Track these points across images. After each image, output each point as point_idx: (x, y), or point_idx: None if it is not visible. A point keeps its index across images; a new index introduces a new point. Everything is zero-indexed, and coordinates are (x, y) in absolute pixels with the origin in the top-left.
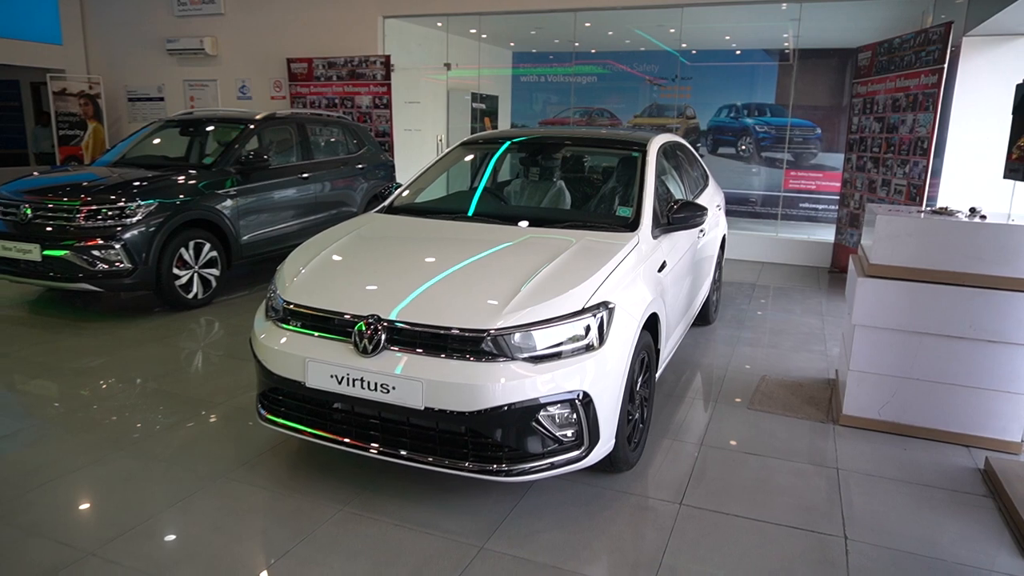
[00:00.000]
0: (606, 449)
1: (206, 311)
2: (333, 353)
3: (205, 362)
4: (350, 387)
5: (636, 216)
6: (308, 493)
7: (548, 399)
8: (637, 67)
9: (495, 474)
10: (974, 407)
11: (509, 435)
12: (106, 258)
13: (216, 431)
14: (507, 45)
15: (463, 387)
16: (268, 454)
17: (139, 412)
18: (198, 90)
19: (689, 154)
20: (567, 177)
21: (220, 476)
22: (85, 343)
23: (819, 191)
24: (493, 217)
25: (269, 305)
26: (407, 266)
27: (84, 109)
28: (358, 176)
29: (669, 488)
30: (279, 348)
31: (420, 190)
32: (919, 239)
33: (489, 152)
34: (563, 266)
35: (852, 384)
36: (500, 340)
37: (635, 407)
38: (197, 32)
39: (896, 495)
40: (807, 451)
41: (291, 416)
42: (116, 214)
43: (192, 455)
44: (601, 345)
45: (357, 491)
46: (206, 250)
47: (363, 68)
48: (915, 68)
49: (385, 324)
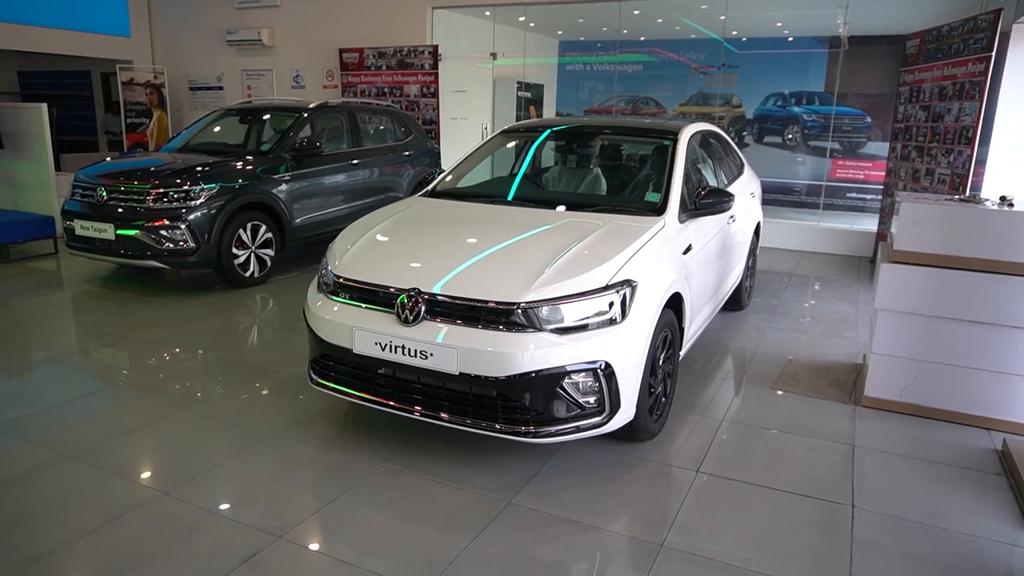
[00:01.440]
0: (626, 417)
1: (261, 289)
2: (378, 322)
3: (261, 335)
4: (392, 354)
5: (663, 201)
6: (354, 450)
7: (572, 367)
8: (684, 55)
9: (523, 435)
10: (996, 391)
11: (536, 399)
12: (172, 238)
13: (272, 395)
14: (554, 34)
15: (494, 354)
16: (319, 416)
17: (203, 377)
18: (255, 79)
19: (724, 143)
20: (603, 164)
21: (276, 434)
22: (153, 315)
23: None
24: (530, 201)
25: (321, 280)
26: (445, 245)
27: (150, 98)
28: (405, 163)
29: (688, 457)
30: (329, 317)
31: (462, 175)
32: (944, 226)
33: (529, 140)
34: (590, 246)
35: (875, 366)
36: (529, 312)
37: (657, 381)
38: (255, 24)
39: (908, 470)
40: (826, 428)
41: (339, 380)
42: (181, 197)
43: (251, 415)
44: (624, 320)
45: (398, 449)
46: (262, 232)
47: (411, 58)
48: (963, 56)
49: (425, 297)
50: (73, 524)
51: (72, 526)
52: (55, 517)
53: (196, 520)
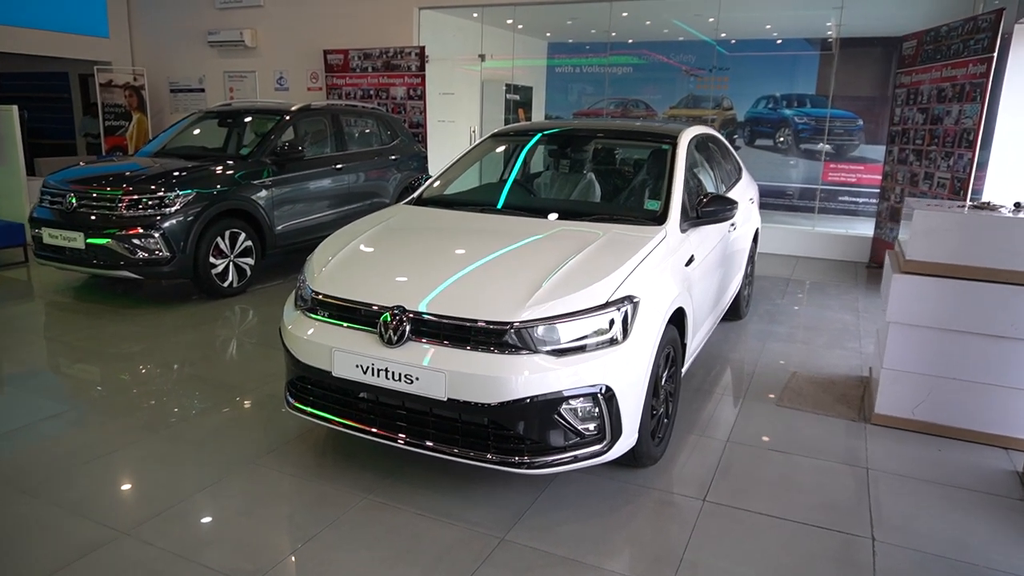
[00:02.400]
0: (629, 443)
1: (241, 299)
2: (359, 343)
3: (239, 349)
4: (375, 377)
5: (664, 209)
6: (333, 480)
7: (570, 392)
8: (674, 57)
9: (517, 466)
10: (1014, 408)
11: (531, 427)
12: (146, 246)
13: (247, 417)
14: (543, 36)
15: (485, 379)
16: (296, 441)
17: (174, 397)
18: (237, 81)
19: (722, 146)
20: (597, 169)
21: (249, 461)
22: (125, 329)
23: (859, 184)
24: (521, 209)
25: (298, 295)
26: (433, 258)
27: (129, 100)
28: (391, 167)
29: (693, 484)
30: (307, 337)
31: (450, 182)
32: (959, 235)
33: (519, 144)
34: (588, 259)
35: (886, 382)
36: (523, 333)
37: (659, 402)
38: (237, 24)
39: (927, 496)
40: (836, 450)
41: (318, 405)
42: (156, 204)
43: (223, 440)
44: (625, 339)
45: (381, 479)
46: (241, 239)
47: (398, 59)
48: (963, 57)
49: (410, 315)
50: (19, 572)
51: (17, 574)
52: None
53: (158, 564)
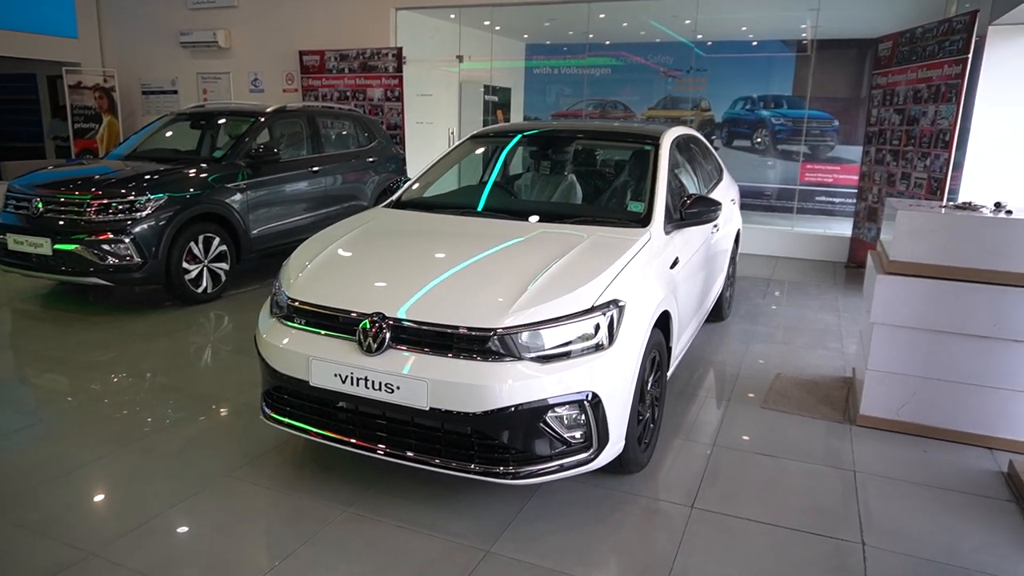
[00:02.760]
0: (616, 451)
1: (215, 305)
2: (337, 351)
3: (213, 357)
4: (354, 386)
5: (648, 211)
6: (312, 493)
7: (556, 400)
8: (652, 59)
9: (502, 476)
10: (998, 408)
11: (516, 437)
12: (116, 252)
13: (222, 428)
14: (520, 37)
15: (469, 387)
16: (273, 452)
17: (146, 408)
18: (211, 83)
19: (703, 147)
20: (579, 171)
21: (224, 475)
22: (95, 337)
23: (836, 184)
24: (503, 212)
25: (274, 301)
26: (413, 263)
27: (99, 102)
28: (369, 169)
29: (680, 490)
30: (283, 346)
31: (429, 184)
32: (942, 235)
33: (499, 145)
34: (572, 263)
35: (870, 383)
36: (507, 339)
37: (646, 407)
38: (210, 25)
39: (916, 499)
40: (823, 452)
41: (295, 415)
42: (126, 208)
43: (197, 452)
44: (611, 344)
45: (361, 491)
46: (215, 244)
47: (375, 60)
48: (938, 58)
49: (390, 322)
50: None
51: None
52: None
53: None
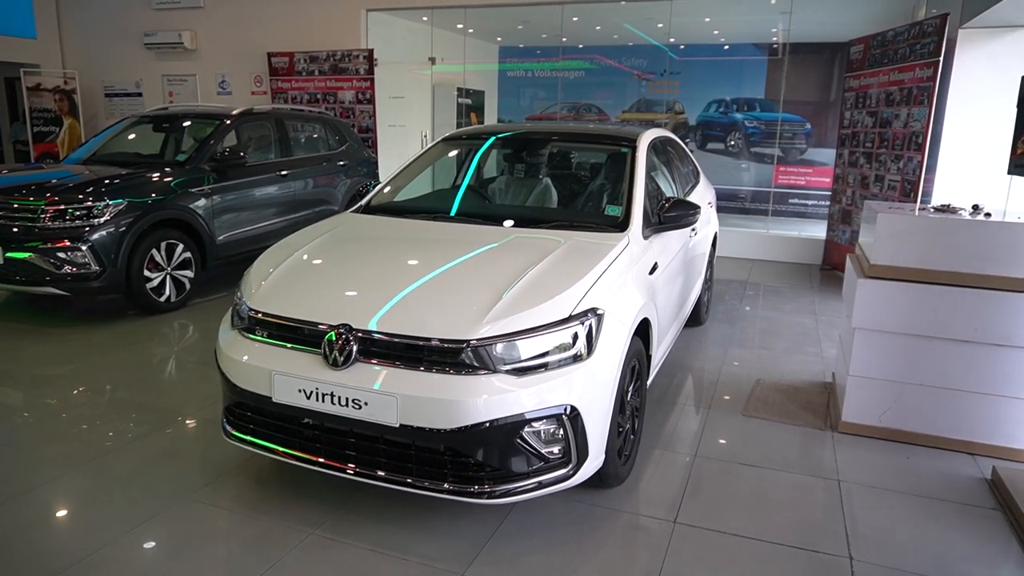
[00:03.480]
0: (595, 466)
1: (180, 314)
2: (301, 365)
3: (176, 369)
4: (319, 402)
5: (626, 215)
6: (277, 515)
7: (533, 414)
8: (625, 62)
9: (477, 496)
10: (980, 413)
11: (491, 453)
12: (72, 260)
13: (182, 445)
14: (494, 40)
15: (440, 403)
16: (236, 471)
17: (103, 424)
18: (177, 85)
19: (680, 150)
20: (554, 174)
21: (183, 497)
22: (51, 350)
23: (809, 187)
24: (475, 217)
25: (235, 312)
26: (382, 271)
27: (59, 105)
28: (339, 173)
29: (662, 504)
30: (244, 359)
31: (400, 188)
32: (922, 238)
33: (472, 148)
34: (548, 270)
35: (852, 389)
36: (481, 351)
37: (626, 418)
38: (175, 25)
39: (901, 509)
40: (806, 461)
41: (258, 433)
42: (83, 214)
43: (155, 472)
44: (590, 355)
45: (329, 512)
46: (179, 251)
47: (345, 62)
48: (909, 61)
49: (357, 334)
50: None
51: None
52: None
53: None
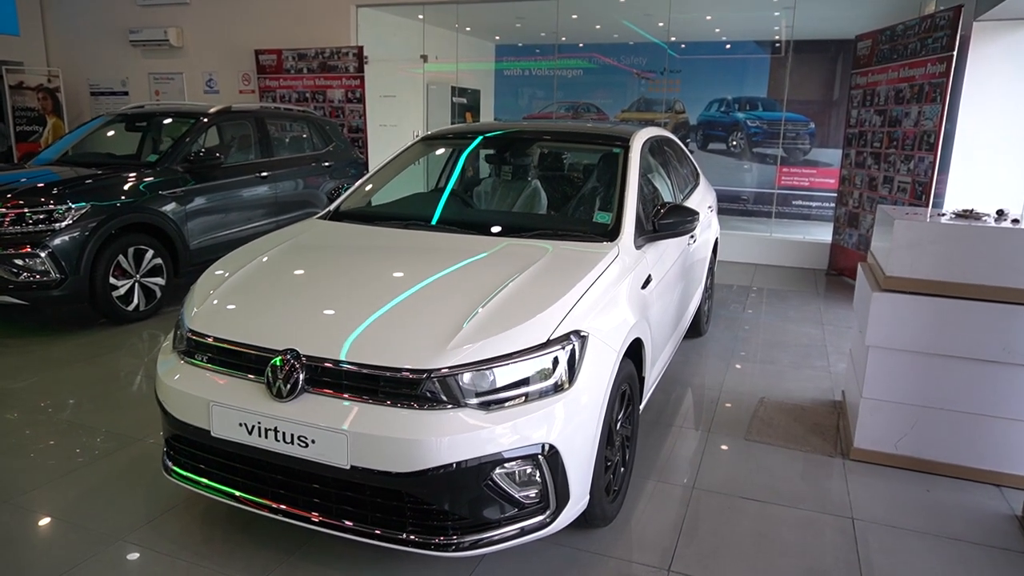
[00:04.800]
0: (578, 510)
1: (149, 324)
2: (242, 396)
3: (137, 386)
4: (262, 438)
5: (616, 223)
6: (221, 561)
7: (505, 455)
8: (624, 60)
9: (441, 548)
10: (1007, 441)
11: (457, 500)
12: (31, 267)
13: (129, 475)
14: (491, 38)
15: (397, 442)
16: (181, 509)
17: (44, 452)
18: (163, 83)
19: (678, 150)
20: (543, 177)
21: (118, 538)
22: (5, 363)
23: (813, 188)
24: (453, 224)
25: (177, 334)
26: (341, 287)
27: (43, 103)
28: (325, 175)
29: (655, 548)
30: (181, 388)
31: (374, 192)
32: (944, 247)
33: (455, 148)
34: (526, 286)
35: (865, 413)
36: (446, 382)
37: (614, 450)
38: (161, 22)
39: (923, 553)
40: (815, 495)
41: (200, 471)
42: (43, 218)
43: (91, 509)
44: (571, 384)
45: (280, 558)
46: (148, 257)
47: (335, 60)
48: (921, 56)
49: (305, 361)
50: None
51: None
52: None
53: None
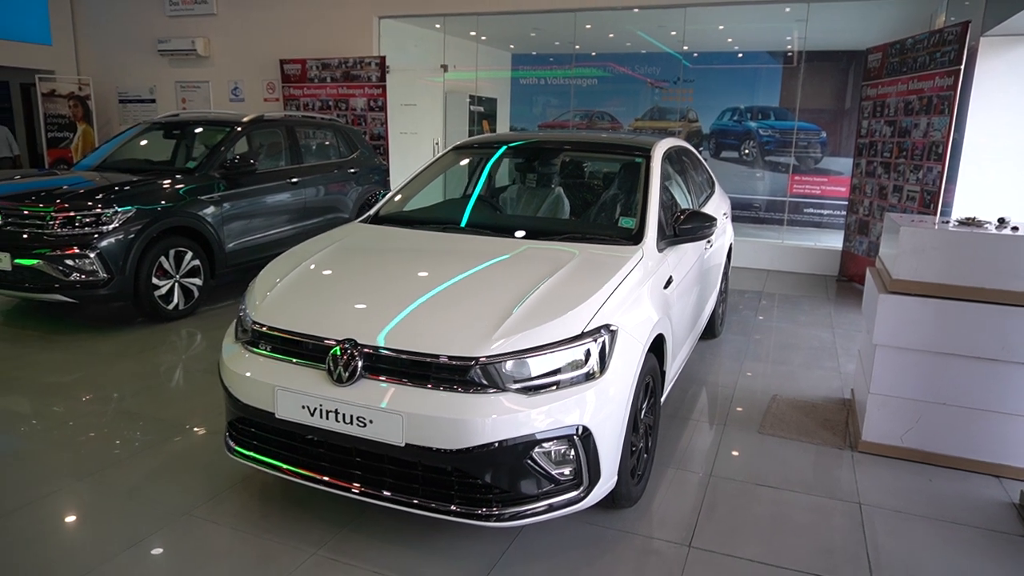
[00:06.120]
0: (607, 487)
1: (188, 322)
2: (305, 381)
3: (183, 379)
4: (323, 419)
5: (640, 228)
6: (279, 533)
7: (543, 435)
8: (638, 70)
9: (484, 519)
10: (1006, 434)
11: (499, 475)
12: (80, 267)
13: (185, 457)
14: (506, 47)
15: (448, 422)
16: (239, 487)
17: (106, 435)
18: (190, 92)
19: (694, 159)
20: (566, 184)
21: (184, 513)
22: (57, 357)
23: (825, 196)
24: (486, 228)
25: (239, 325)
26: (389, 283)
27: (74, 111)
28: (350, 181)
29: (676, 527)
30: (247, 374)
31: (409, 198)
32: (947, 253)
33: (484, 157)
34: (560, 284)
35: (872, 408)
36: (489, 369)
37: (639, 437)
38: (189, 33)
39: (926, 535)
40: (825, 483)
41: (261, 449)
42: (92, 221)
43: (156, 487)
44: (603, 373)
45: (333, 531)
46: (188, 259)
47: (357, 69)
48: (929, 69)
49: (363, 350)
50: None
51: None
52: None
53: None
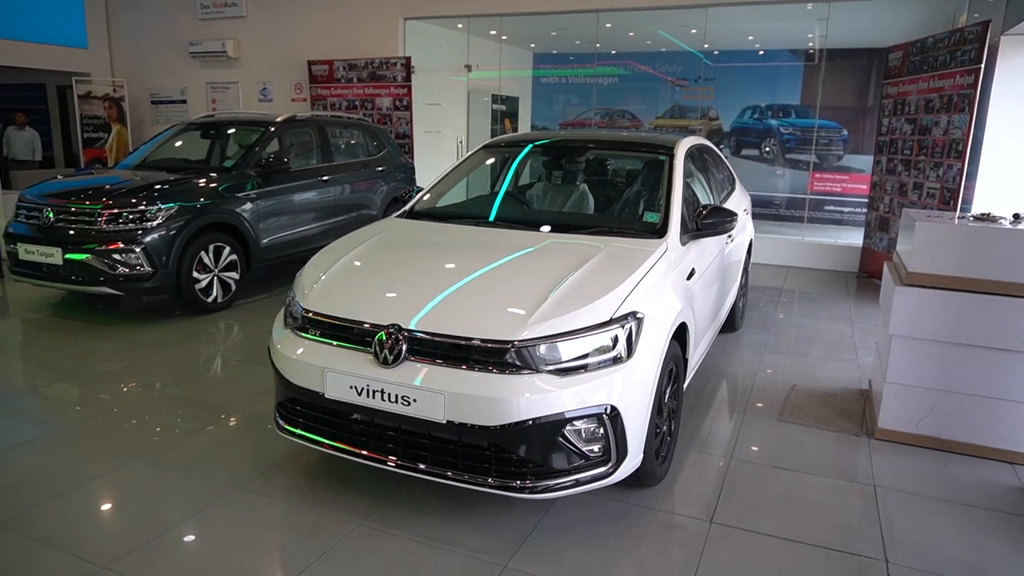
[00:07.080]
0: (634, 465)
1: (225, 315)
2: (352, 363)
3: (224, 367)
4: (370, 399)
5: (664, 222)
6: (327, 506)
7: (574, 413)
8: (659, 68)
9: (518, 491)
10: (1019, 422)
11: (533, 450)
12: (126, 262)
13: (234, 439)
14: (528, 46)
15: (486, 400)
16: (286, 464)
17: (157, 418)
18: (220, 92)
19: (716, 157)
20: (591, 181)
21: (237, 487)
22: (105, 347)
23: (845, 194)
24: (516, 222)
25: (288, 312)
26: (428, 273)
27: (108, 112)
28: (378, 178)
29: (698, 504)
30: (297, 357)
31: (441, 194)
32: (961, 247)
33: (511, 155)
34: (590, 274)
35: (889, 396)
36: (524, 352)
37: (663, 420)
38: (219, 35)
39: (938, 515)
40: (841, 466)
41: (309, 427)
42: (137, 218)
43: (209, 464)
44: (629, 357)
45: (377, 504)
46: (226, 253)
47: (383, 70)
48: (950, 68)
49: (406, 334)
50: None
51: None
52: None
53: None
